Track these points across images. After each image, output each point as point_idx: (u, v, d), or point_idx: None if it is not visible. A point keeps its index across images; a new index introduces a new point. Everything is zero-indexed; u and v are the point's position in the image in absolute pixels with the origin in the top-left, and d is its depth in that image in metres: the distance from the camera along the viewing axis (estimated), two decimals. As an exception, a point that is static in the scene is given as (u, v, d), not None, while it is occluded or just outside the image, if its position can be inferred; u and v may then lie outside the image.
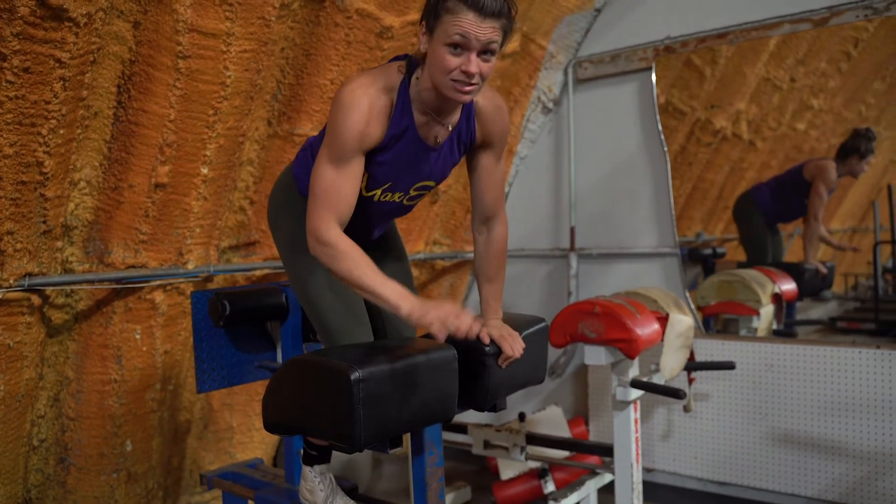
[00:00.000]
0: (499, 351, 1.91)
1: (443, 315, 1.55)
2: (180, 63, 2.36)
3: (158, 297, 2.71)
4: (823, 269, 4.15)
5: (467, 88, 1.64)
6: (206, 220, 2.74)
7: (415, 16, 2.90)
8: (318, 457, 2.05)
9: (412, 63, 1.76)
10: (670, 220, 3.60)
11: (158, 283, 2.69)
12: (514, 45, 3.53)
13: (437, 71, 1.64)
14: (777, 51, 4.23)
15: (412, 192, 1.93)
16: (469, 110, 1.85)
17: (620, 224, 3.77)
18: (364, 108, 1.67)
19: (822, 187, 4.14)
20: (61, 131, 2.19)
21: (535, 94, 3.86)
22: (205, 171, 2.61)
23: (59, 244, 2.46)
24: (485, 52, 1.62)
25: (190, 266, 2.75)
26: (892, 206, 4.43)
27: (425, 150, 1.82)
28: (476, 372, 1.91)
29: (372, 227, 2.01)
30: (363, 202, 1.85)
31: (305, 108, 2.87)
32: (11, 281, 2.25)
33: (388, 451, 1.80)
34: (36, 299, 2.39)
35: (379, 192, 1.87)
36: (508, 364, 1.93)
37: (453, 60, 1.61)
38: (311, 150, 1.95)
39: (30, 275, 2.32)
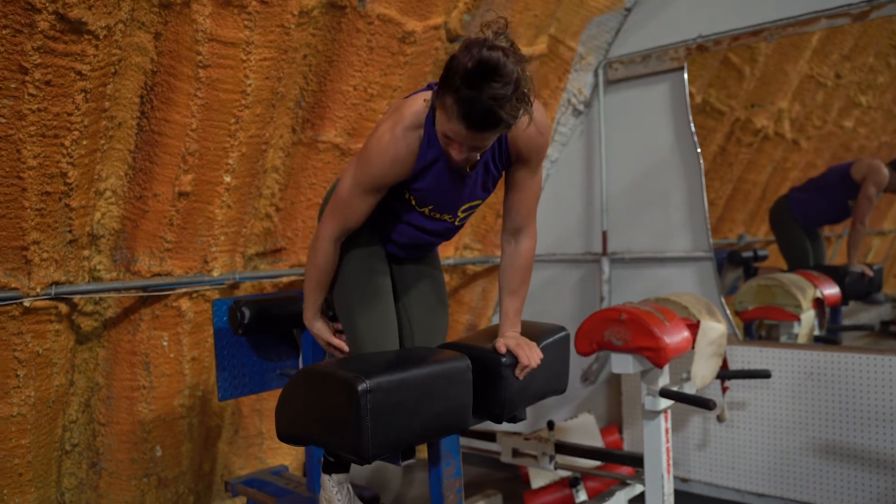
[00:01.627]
0: (515, 361, 1.87)
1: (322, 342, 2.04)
2: (201, 72, 2.38)
3: (185, 304, 2.74)
4: (869, 272, 3.98)
5: (458, 163, 1.71)
6: (231, 227, 2.76)
7: (437, 20, 2.88)
8: (336, 465, 2.04)
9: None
10: (704, 223, 3.50)
11: (184, 290, 2.71)
12: (542, 47, 3.48)
13: (437, 127, 1.69)
14: (820, 47, 4.09)
15: (461, 214, 1.96)
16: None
17: (653, 228, 3.68)
18: (388, 158, 1.75)
19: (873, 189, 3.94)
20: (84, 142, 2.23)
21: (564, 97, 3.80)
22: (228, 179, 2.62)
23: (86, 253, 2.50)
24: (475, 148, 1.65)
25: (215, 273, 2.77)
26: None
27: (459, 177, 1.84)
28: (492, 382, 1.88)
29: (427, 235, 2.01)
30: (420, 214, 1.94)
31: (329, 115, 2.87)
32: (38, 290, 2.29)
33: (399, 463, 1.78)
34: (63, 307, 2.44)
35: (427, 210, 1.92)
36: (525, 374, 1.89)
37: (445, 141, 1.67)
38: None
39: (56, 283, 2.36)
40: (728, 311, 3.42)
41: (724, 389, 3.02)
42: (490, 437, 3.26)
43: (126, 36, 2.23)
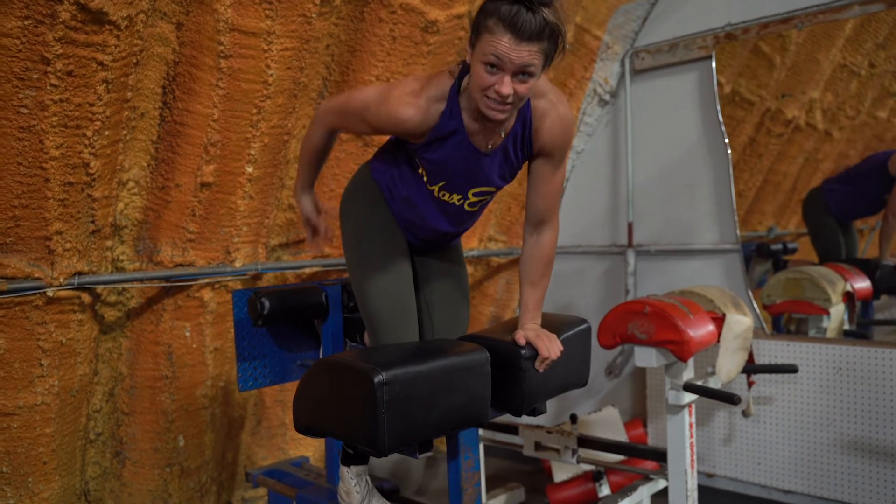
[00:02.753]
0: (535, 354, 1.84)
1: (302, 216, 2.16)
2: (222, 63, 2.38)
3: (207, 294, 2.75)
4: None
5: (500, 107, 1.63)
6: (253, 218, 2.76)
7: (460, 9, 2.85)
8: (354, 457, 2.03)
9: (465, 68, 1.74)
10: (732, 215, 3.44)
11: (207, 281, 2.72)
12: (567, 36, 3.43)
13: (474, 86, 1.65)
14: (854, 35, 4.00)
15: (472, 198, 1.91)
16: (525, 116, 1.79)
17: (680, 219, 3.62)
18: (397, 121, 1.74)
19: None
20: (106, 133, 2.23)
21: (590, 87, 3.76)
22: (250, 169, 2.62)
23: (109, 243, 2.52)
24: (521, 73, 1.59)
25: (237, 264, 2.77)
26: None
27: (477, 155, 1.80)
28: (512, 375, 1.85)
29: (440, 221, 1.99)
30: (429, 195, 1.91)
31: (351, 106, 2.86)
32: (62, 279, 2.31)
33: (416, 455, 1.76)
34: (86, 297, 2.45)
35: (437, 188, 1.88)
36: (546, 366, 1.86)
37: (488, 79, 1.60)
38: (393, 150, 2.00)
39: (79, 273, 2.37)
40: (755, 305, 3.36)
41: (750, 384, 2.96)
42: (513, 430, 3.24)
43: (147, 26, 2.23)
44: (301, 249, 3.13)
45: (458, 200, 1.91)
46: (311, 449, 3.47)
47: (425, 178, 1.88)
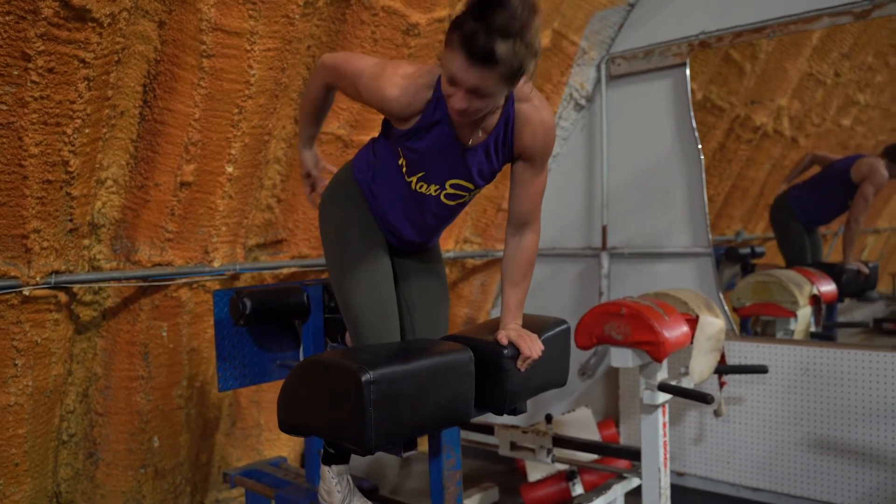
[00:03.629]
0: (517, 353, 1.87)
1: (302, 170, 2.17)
2: (204, 62, 2.37)
3: (185, 294, 2.73)
4: (865, 270, 3.99)
5: (459, 116, 1.68)
6: (232, 218, 2.75)
7: (441, 13, 2.88)
8: (336, 456, 2.04)
9: None
10: (704, 219, 3.51)
11: (184, 280, 2.71)
12: (545, 41, 3.47)
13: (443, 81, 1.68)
14: (820, 45, 4.10)
15: (448, 189, 1.91)
16: (508, 118, 1.81)
17: (653, 223, 3.69)
18: (390, 99, 1.74)
19: (871, 189, 3.94)
20: (87, 130, 2.22)
21: (567, 91, 3.80)
22: (230, 169, 2.62)
23: (87, 242, 2.50)
24: (473, 92, 1.61)
25: (216, 264, 2.76)
26: (946, 200, 4.27)
27: (457, 147, 1.81)
28: (494, 375, 1.87)
29: (417, 217, 1.99)
30: (406, 186, 1.92)
31: (332, 107, 2.85)
32: (38, 278, 2.29)
33: (401, 454, 1.78)
34: (63, 296, 2.43)
35: (415, 179, 1.89)
36: (528, 366, 1.89)
37: (448, 89, 1.64)
38: (372, 145, 2.01)
39: (56, 272, 2.35)
40: (726, 307, 3.44)
41: (722, 384, 3.03)
42: (488, 430, 3.27)
43: (130, 24, 2.22)
44: (279, 250, 3.13)
45: (436, 191, 1.91)
46: (286, 450, 3.47)
47: (404, 169, 1.89)
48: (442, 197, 1.93)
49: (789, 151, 4.65)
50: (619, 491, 2.79)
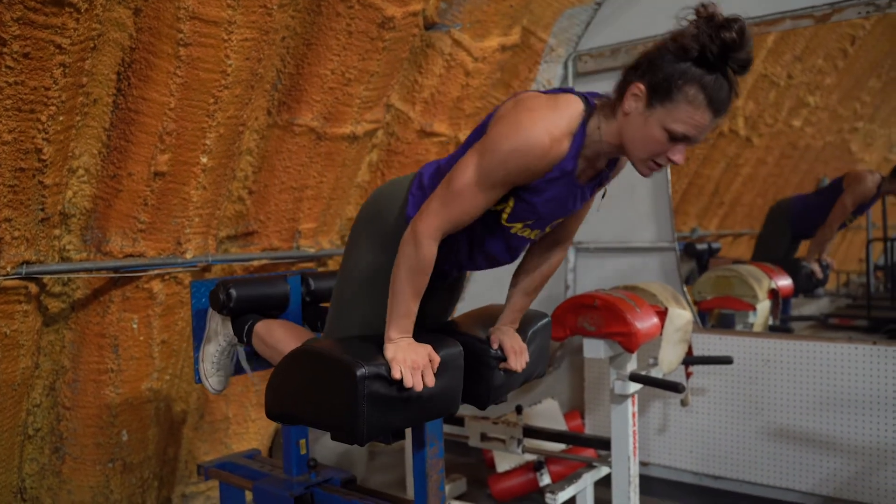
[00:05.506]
0: (503, 356, 1.92)
1: (402, 361, 1.63)
2: (181, 51, 2.34)
3: (156, 286, 2.70)
4: (819, 273, 4.15)
5: (657, 170, 1.58)
6: (205, 209, 2.72)
7: (415, 6, 2.89)
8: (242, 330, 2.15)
9: (591, 106, 1.62)
10: (668, 214, 3.60)
11: (156, 272, 2.67)
12: (514, 37, 3.51)
13: (639, 144, 1.54)
14: (775, 47, 4.23)
15: (547, 230, 1.84)
16: (616, 158, 1.76)
17: (619, 218, 3.76)
18: (538, 154, 1.54)
19: (850, 198, 4.05)
20: (61, 118, 2.17)
21: (534, 88, 3.85)
22: (204, 160, 2.59)
23: (57, 232, 2.45)
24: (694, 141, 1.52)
25: (188, 255, 2.73)
26: (884, 203, 4.45)
27: (575, 189, 1.70)
28: (480, 370, 1.92)
29: (494, 257, 1.84)
30: (497, 230, 1.75)
31: (305, 98, 2.86)
32: (9, 269, 2.23)
33: (390, 441, 1.80)
34: (33, 287, 2.38)
35: (519, 226, 1.74)
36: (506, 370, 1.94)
37: (665, 145, 1.51)
38: (432, 180, 1.78)
39: (27, 263, 2.30)
40: (689, 300, 3.53)
41: (689, 375, 3.12)
42: (458, 421, 3.30)
43: (106, 10, 2.18)
44: (250, 242, 3.10)
45: (535, 236, 1.81)
46: (255, 443, 3.45)
47: (505, 216, 1.71)
48: (534, 236, 1.82)
49: (743, 151, 4.79)
50: (588, 480, 2.85)
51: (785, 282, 3.84)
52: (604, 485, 2.92)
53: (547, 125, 1.53)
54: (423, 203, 1.67)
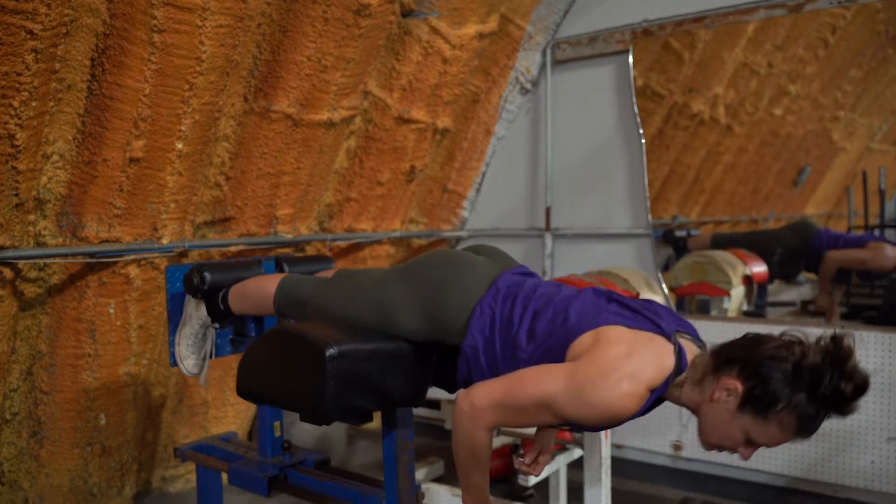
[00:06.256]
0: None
1: None
2: (155, 37, 2.35)
3: (133, 271, 2.71)
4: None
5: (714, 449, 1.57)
6: (181, 195, 2.74)
7: (392, -6, 2.90)
8: (216, 312, 2.20)
9: (682, 367, 1.57)
10: (644, 201, 3.63)
11: (133, 257, 2.69)
12: (492, 25, 3.53)
13: (716, 434, 1.53)
14: (755, 36, 4.26)
15: None
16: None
17: (595, 205, 3.80)
18: (609, 415, 1.49)
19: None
20: (33, 104, 2.18)
21: (513, 75, 3.87)
22: (180, 146, 2.60)
23: (32, 217, 2.46)
24: None
25: (164, 241, 2.75)
26: (865, 192, 4.51)
27: None
28: (454, 360, 1.94)
29: None
30: None
31: (282, 85, 2.87)
32: (-17, 253, 2.25)
33: (357, 423, 1.83)
34: (8, 272, 2.39)
35: None
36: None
37: (739, 445, 1.51)
38: (498, 351, 1.71)
39: (1, 248, 2.31)
40: (664, 286, 3.57)
41: (660, 360, 3.16)
42: (435, 404, 3.34)
43: (79, -4, 2.19)
44: (227, 228, 3.12)
45: None
46: (234, 426, 3.48)
47: None
48: None
49: (724, 139, 4.83)
50: (561, 461, 2.90)
51: (759, 268, 3.89)
52: (577, 467, 2.96)
53: (638, 388, 1.48)
54: (488, 383, 1.59)
